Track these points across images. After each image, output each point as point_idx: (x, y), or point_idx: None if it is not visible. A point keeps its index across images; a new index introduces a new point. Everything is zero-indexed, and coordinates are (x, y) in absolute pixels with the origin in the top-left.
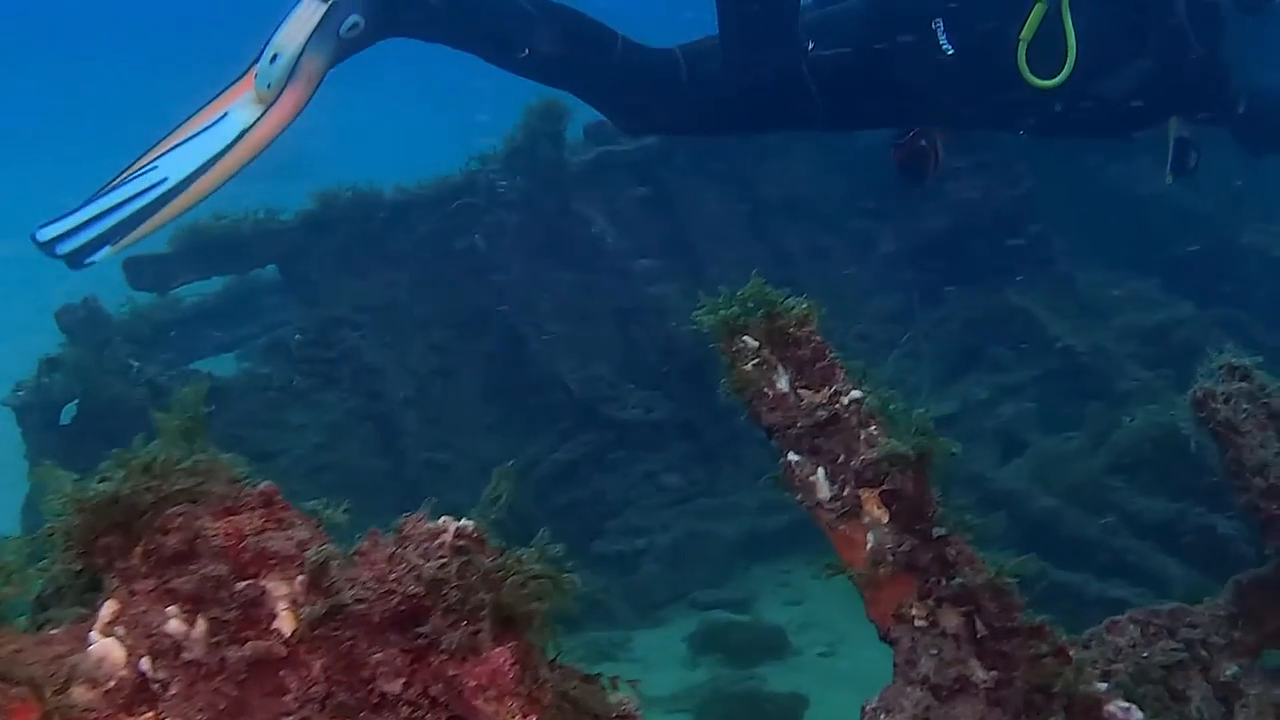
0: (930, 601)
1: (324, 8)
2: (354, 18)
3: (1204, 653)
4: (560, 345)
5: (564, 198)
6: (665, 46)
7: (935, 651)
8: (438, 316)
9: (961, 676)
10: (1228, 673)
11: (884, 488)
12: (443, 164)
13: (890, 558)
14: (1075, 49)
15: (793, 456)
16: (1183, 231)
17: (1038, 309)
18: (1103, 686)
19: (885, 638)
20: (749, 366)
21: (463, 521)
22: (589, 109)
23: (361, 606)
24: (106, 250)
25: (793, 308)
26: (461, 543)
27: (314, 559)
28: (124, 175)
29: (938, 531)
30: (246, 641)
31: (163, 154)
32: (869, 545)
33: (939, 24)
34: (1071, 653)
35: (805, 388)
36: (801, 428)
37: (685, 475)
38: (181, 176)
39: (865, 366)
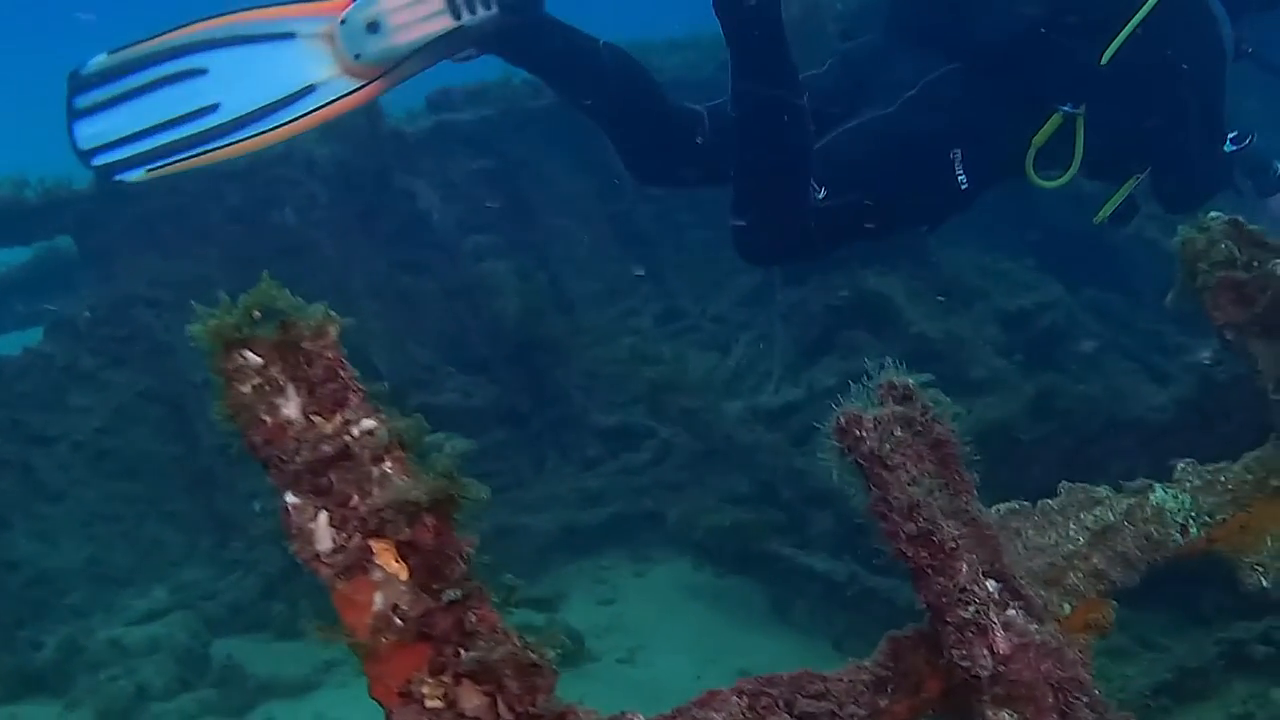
0: (446, 678)
1: (453, 25)
2: (471, 50)
3: None
4: (373, 325)
5: (386, 169)
6: (695, 107)
7: None
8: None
9: None
10: None
11: (397, 539)
12: None
13: (398, 623)
14: (1080, 159)
15: (290, 498)
16: (1061, 210)
17: (895, 292)
18: None
19: None
20: (247, 388)
21: None
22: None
23: None
24: (141, 173)
25: (309, 316)
26: None
27: None
28: (171, 50)
29: (449, 595)
30: None
31: (215, 46)
32: (374, 608)
33: (956, 154)
34: None
35: (316, 414)
36: (301, 463)
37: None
38: (235, 115)
39: (391, 389)
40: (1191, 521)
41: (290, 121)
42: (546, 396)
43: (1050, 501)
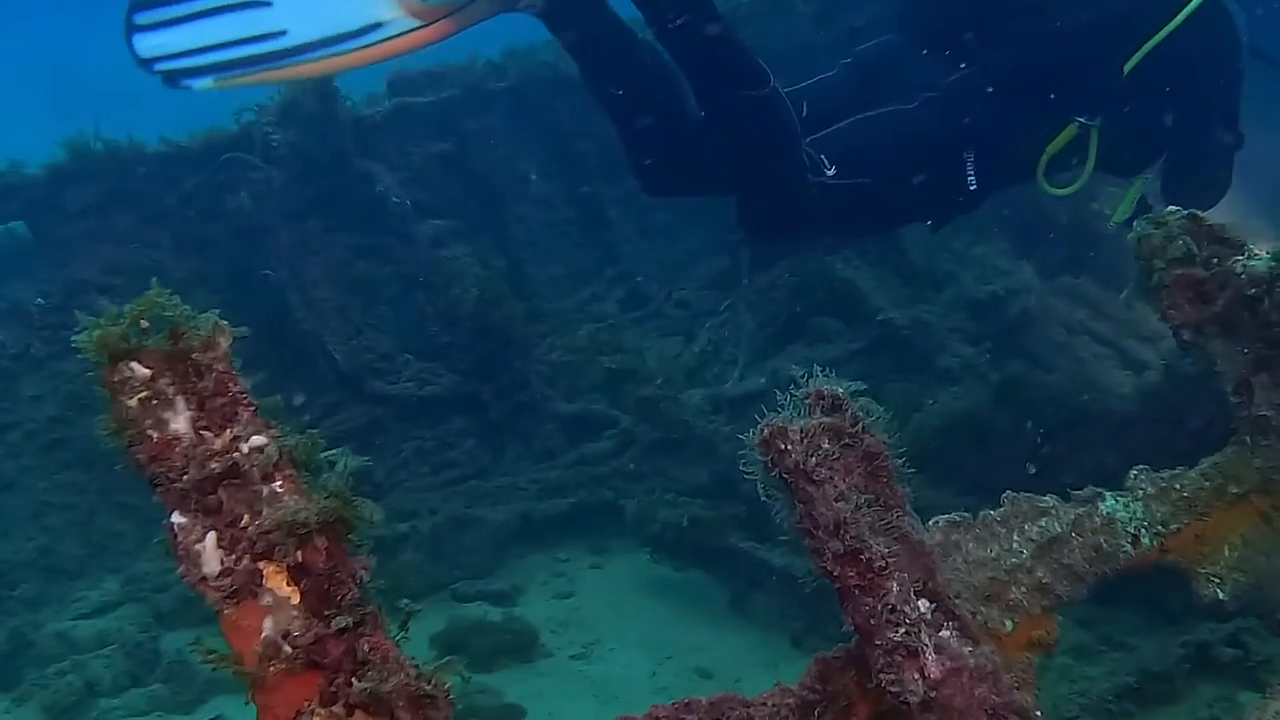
0: (338, 709)
1: None
2: (539, 2)
3: None
4: (329, 312)
5: (343, 153)
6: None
7: None
8: (202, 280)
9: None
10: None
11: (287, 561)
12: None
13: (288, 650)
14: (1092, 168)
15: (177, 518)
16: (1037, 194)
17: (862, 278)
18: None
19: None
20: (134, 401)
21: None
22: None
23: None
24: (209, 80)
25: (199, 327)
26: None
27: None
28: None
29: (340, 622)
30: None
31: None
32: (263, 634)
33: (970, 157)
34: None
35: (206, 429)
36: (189, 481)
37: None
38: (300, 41)
39: (279, 403)
40: (1144, 531)
41: (359, 49)
42: (506, 384)
43: (992, 513)
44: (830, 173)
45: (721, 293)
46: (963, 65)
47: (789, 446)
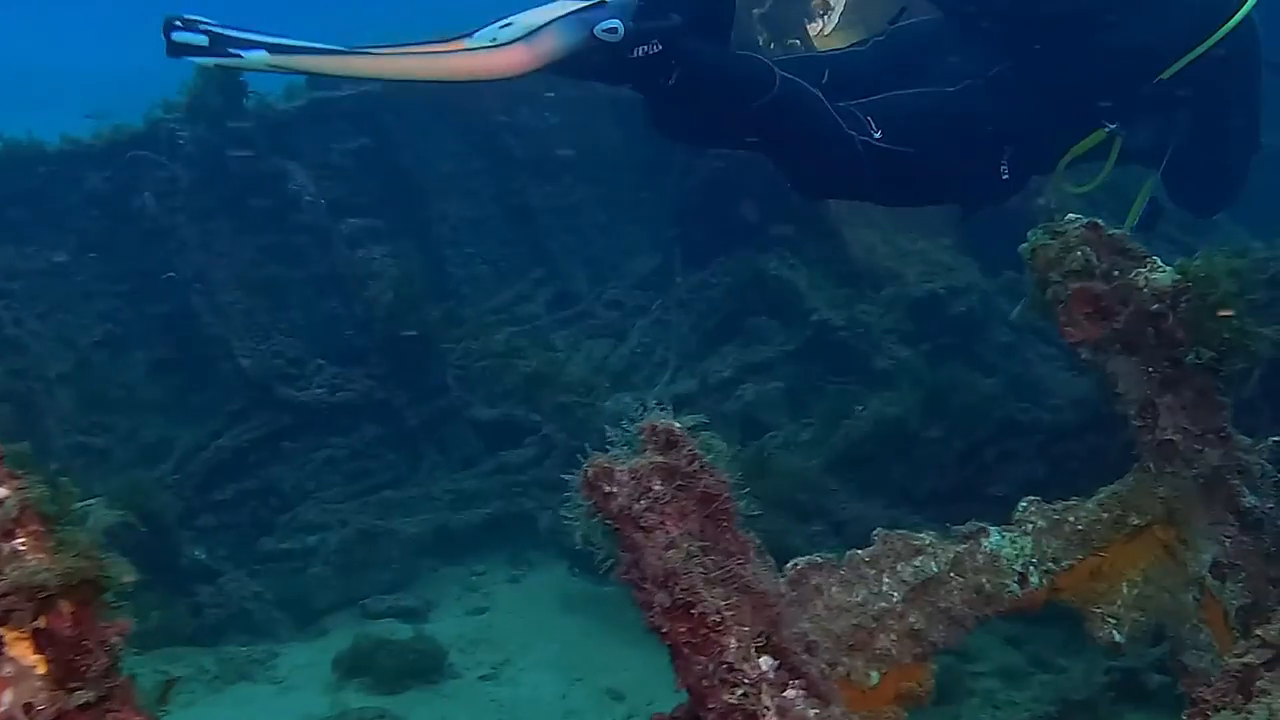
0: None
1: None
2: (614, 22)
3: None
4: (237, 316)
5: (254, 151)
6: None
7: None
8: (106, 283)
9: None
10: None
11: (25, 628)
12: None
13: None
14: (1109, 172)
15: None
16: None
17: (798, 277)
18: None
19: None
20: None
21: None
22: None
23: None
24: (263, 55)
25: None
26: None
27: None
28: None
29: (82, 697)
30: None
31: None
32: (2, 709)
33: (1008, 149)
34: None
35: None
36: None
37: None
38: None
39: (26, 450)
40: (1032, 569)
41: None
42: (424, 390)
43: (860, 552)
44: (877, 134)
45: (654, 292)
46: (1007, 61)
47: (615, 489)
